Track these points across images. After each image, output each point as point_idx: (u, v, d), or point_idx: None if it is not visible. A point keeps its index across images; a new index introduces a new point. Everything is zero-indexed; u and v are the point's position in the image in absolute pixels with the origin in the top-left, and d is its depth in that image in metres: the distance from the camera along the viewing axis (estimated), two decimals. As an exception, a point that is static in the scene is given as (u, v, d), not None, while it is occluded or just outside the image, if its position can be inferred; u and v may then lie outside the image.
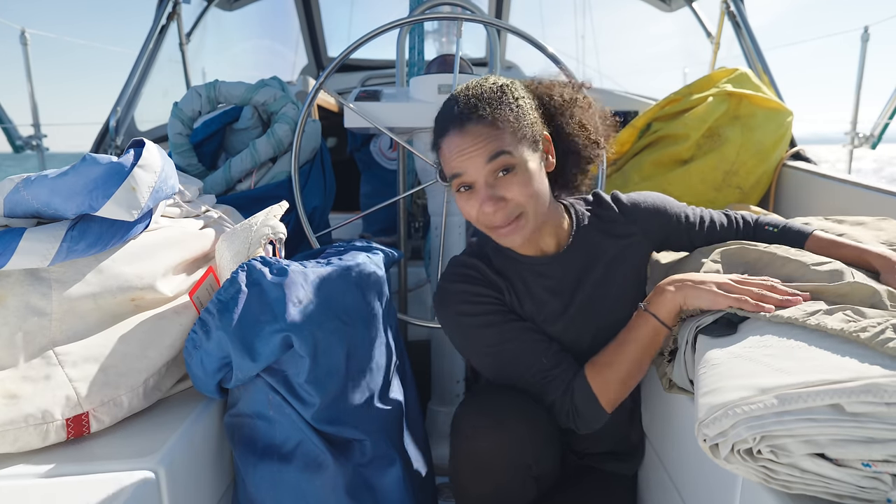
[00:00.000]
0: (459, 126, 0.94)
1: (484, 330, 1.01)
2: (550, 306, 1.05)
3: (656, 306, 0.94)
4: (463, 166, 0.94)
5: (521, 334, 1.01)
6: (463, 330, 1.03)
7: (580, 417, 0.98)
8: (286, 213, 1.18)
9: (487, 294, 1.03)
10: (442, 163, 0.99)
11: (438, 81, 1.53)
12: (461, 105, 0.95)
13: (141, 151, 0.99)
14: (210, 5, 2.91)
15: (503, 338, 1.01)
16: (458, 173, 0.95)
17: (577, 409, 0.97)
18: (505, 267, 1.07)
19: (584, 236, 1.08)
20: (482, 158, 0.93)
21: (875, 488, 0.61)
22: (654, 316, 0.94)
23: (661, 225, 1.11)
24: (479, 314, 1.02)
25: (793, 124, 1.98)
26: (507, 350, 1.00)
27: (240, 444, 1.00)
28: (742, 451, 0.65)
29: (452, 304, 1.03)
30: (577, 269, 1.07)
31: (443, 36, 3.07)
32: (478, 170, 0.93)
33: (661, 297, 0.94)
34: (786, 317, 0.78)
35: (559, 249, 1.07)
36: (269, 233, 1.07)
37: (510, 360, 1.01)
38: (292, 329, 0.94)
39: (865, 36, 2.81)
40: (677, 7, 2.94)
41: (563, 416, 0.99)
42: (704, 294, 0.88)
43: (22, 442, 0.83)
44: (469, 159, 0.93)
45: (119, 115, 2.30)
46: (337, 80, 2.95)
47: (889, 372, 0.60)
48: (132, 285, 0.97)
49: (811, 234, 1.07)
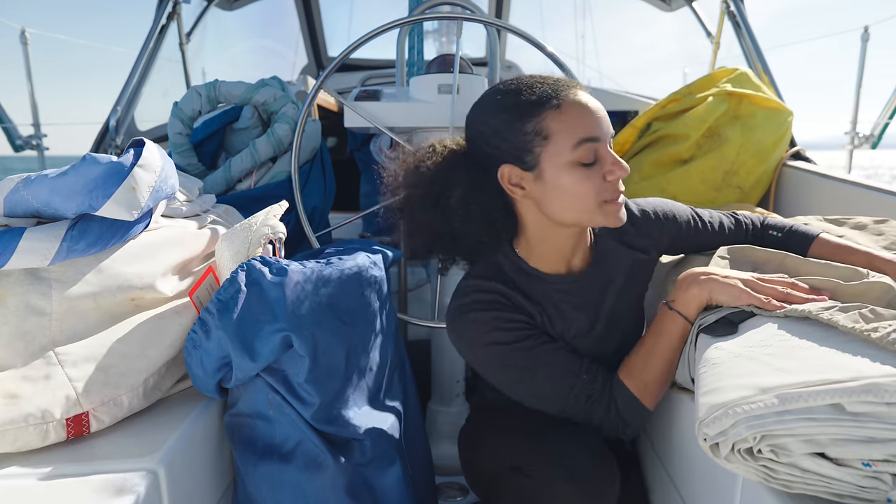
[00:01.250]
0: (580, 87, 0.89)
1: (519, 356, 0.93)
2: (578, 323, 1.00)
3: (682, 304, 0.90)
4: (597, 129, 0.87)
5: (555, 356, 0.95)
6: (497, 359, 0.94)
7: (629, 426, 0.95)
8: (286, 212, 1.18)
9: (519, 319, 0.95)
10: (552, 130, 0.86)
11: (438, 81, 1.53)
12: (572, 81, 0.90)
13: (141, 151, 0.99)
14: (210, 5, 2.91)
15: (539, 361, 0.94)
16: (594, 137, 0.86)
17: (624, 419, 0.95)
18: (530, 289, 0.98)
19: (603, 249, 1.04)
20: (609, 129, 0.90)
21: (875, 488, 0.61)
22: (681, 314, 0.90)
23: (671, 232, 1.09)
24: (513, 341, 0.93)
25: (792, 125, 1.98)
26: (545, 373, 0.94)
27: (240, 443, 1.00)
28: (742, 451, 0.65)
29: (483, 332, 0.93)
30: (601, 284, 1.03)
31: (443, 36, 3.07)
32: (606, 135, 0.88)
33: (687, 294, 0.90)
34: (800, 310, 0.78)
35: (584, 266, 1.03)
36: (268, 232, 1.07)
37: (548, 384, 0.95)
38: (292, 329, 0.94)
39: (865, 36, 2.81)
40: (677, 7, 2.93)
41: (612, 429, 0.96)
42: (729, 289, 0.85)
43: (22, 442, 0.83)
44: (602, 124, 0.88)
45: (119, 115, 2.30)
46: (337, 80, 2.94)
47: (890, 371, 0.60)
48: (132, 285, 0.97)
49: (816, 238, 1.06)
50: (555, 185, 0.88)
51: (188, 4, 2.64)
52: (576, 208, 0.89)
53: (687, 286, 0.90)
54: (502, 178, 0.92)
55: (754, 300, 0.83)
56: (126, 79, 2.36)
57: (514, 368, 0.95)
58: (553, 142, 0.87)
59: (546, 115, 0.87)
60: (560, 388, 0.95)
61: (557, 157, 0.87)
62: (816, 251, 1.04)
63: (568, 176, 0.87)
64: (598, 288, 1.02)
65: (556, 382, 0.95)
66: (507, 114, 0.89)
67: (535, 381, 0.95)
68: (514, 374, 0.95)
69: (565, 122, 0.86)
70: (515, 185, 0.92)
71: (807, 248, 1.06)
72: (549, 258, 0.99)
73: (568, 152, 0.86)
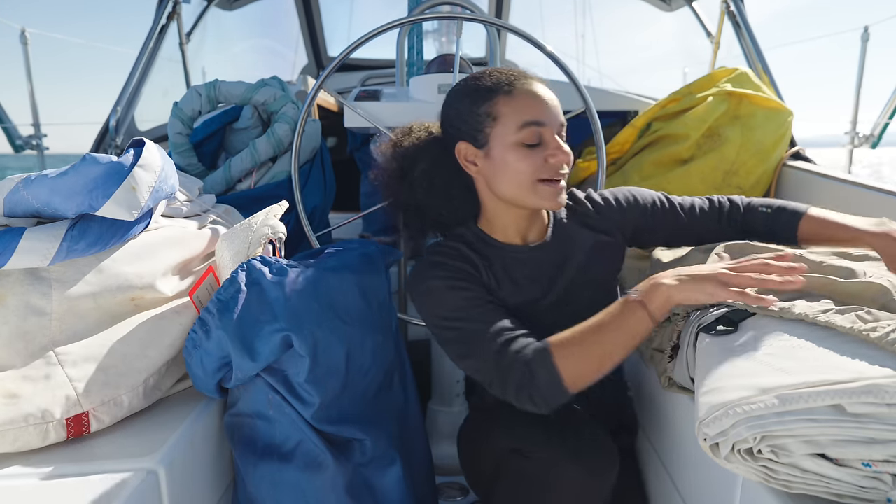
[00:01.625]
0: (535, 80, 0.98)
1: (452, 294, 0.96)
2: (529, 292, 1.04)
3: (649, 296, 0.85)
4: (544, 115, 0.96)
5: (490, 307, 0.96)
6: (432, 297, 0.98)
7: (537, 391, 0.87)
8: (286, 212, 1.18)
9: (463, 267, 1.00)
10: (501, 112, 0.96)
11: (438, 81, 1.53)
12: (527, 73, 0.99)
13: (141, 151, 0.99)
14: (210, 5, 2.91)
15: (471, 304, 0.95)
16: (539, 121, 0.95)
17: (535, 380, 0.87)
18: (485, 250, 1.05)
19: (563, 229, 1.10)
20: (559, 117, 0.98)
21: (875, 488, 0.61)
22: (645, 306, 0.85)
23: (635, 216, 1.13)
24: (451, 278, 0.97)
25: (792, 124, 1.98)
26: (475, 319, 0.94)
27: (240, 443, 1.00)
28: (742, 451, 0.65)
29: (426, 271, 1.00)
30: (557, 259, 1.07)
31: (442, 36, 3.07)
32: (555, 125, 0.97)
33: (656, 290, 0.85)
34: (796, 313, 0.77)
35: (540, 240, 1.08)
36: (268, 232, 1.07)
37: (475, 332, 0.93)
38: (292, 328, 0.94)
39: (865, 36, 2.81)
40: (677, 7, 2.93)
41: (519, 388, 0.89)
42: (702, 287, 0.82)
43: (22, 441, 0.83)
44: (550, 111, 0.96)
45: (119, 115, 2.30)
46: (337, 80, 2.94)
47: (890, 372, 0.61)
48: (132, 285, 0.97)
49: (805, 214, 1.07)
50: (500, 161, 0.98)
51: (188, 4, 2.64)
52: (514, 184, 0.98)
53: (657, 282, 0.86)
54: (459, 154, 1.03)
55: (731, 295, 0.79)
56: (126, 79, 2.36)
57: (446, 306, 0.96)
58: (501, 123, 0.97)
59: (498, 99, 0.97)
60: (483, 338, 0.92)
61: (504, 137, 0.97)
62: (806, 227, 1.06)
63: (512, 154, 0.96)
64: (555, 263, 1.07)
65: (483, 332, 0.93)
66: (467, 98, 1.01)
67: (464, 330, 0.94)
68: (445, 313, 0.96)
69: (514, 106, 0.96)
70: (470, 161, 1.02)
71: (797, 224, 1.07)
72: (504, 231, 1.07)
73: (513, 133, 0.96)
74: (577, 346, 0.87)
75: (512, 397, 0.90)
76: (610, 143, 2.05)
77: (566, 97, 1.64)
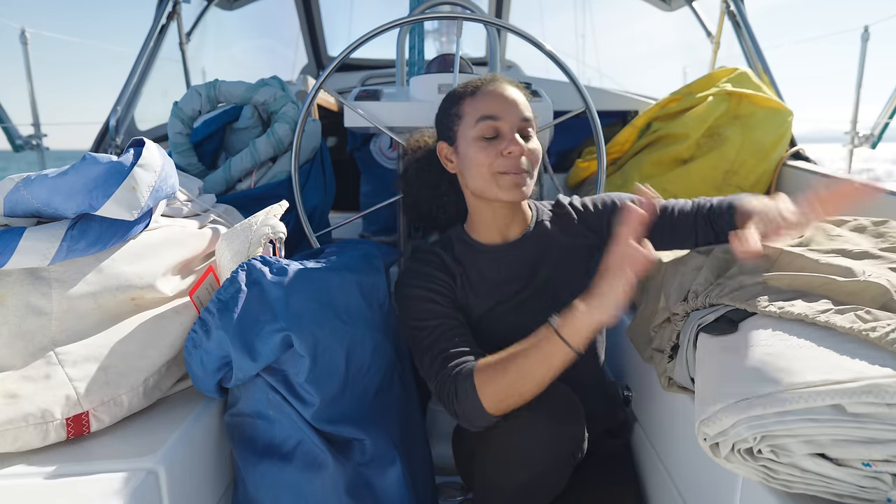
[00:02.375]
0: (502, 82, 1.05)
1: (422, 304, 1.05)
2: (504, 290, 1.10)
3: (566, 327, 0.86)
4: (500, 110, 1.02)
5: (449, 324, 1.02)
6: (408, 302, 1.07)
7: (461, 410, 0.92)
8: (286, 212, 1.18)
9: (439, 278, 1.08)
10: (465, 112, 1.05)
11: (438, 81, 1.53)
12: (498, 77, 1.07)
13: (141, 151, 0.99)
14: (210, 5, 2.91)
15: (434, 317, 1.03)
16: (493, 115, 1.01)
17: (459, 401, 0.92)
18: (463, 254, 1.12)
19: (543, 229, 1.15)
20: (518, 113, 1.03)
21: (875, 488, 0.61)
22: (561, 338, 0.86)
23: (612, 220, 1.16)
24: (426, 289, 1.06)
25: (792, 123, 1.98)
26: (431, 332, 1.02)
27: (240, 443, 1.00)
28: (742, 451, 0.65)
29: (408, 278, 1.09)
30: (533, 256, 1.12)
31: (443, 35, 3.08)
32: (512, 120, 1.02)
33: (570, 318, 0.86)
34: (795, 313, 0.77)
35: (509, 241, 1.12)
36: (269, 232, 1.07)
37: (429, 345, 1.01)
38: (292, 328, 0.94)
39: (865, 35, 2.81)
40: (677, 6, 2.93)
41: (447, 404, 0.95)
42: (612, 294, 0.83)
43: (22, 441, 0.83)
44: (508, 108, 1.02)
45: (119, 115, 2.30)
46: (337, 80, 2.94)
47: (890, 372, 0.61)
48: (132, 285, 0.97)
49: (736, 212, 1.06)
50: (465, 156, 1.05)
51: (188, 4, 2.64)
52: (477, 177, 1.04)
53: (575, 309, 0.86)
54: (440, 153, 1.12)
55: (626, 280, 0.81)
56: (126, 78, 2.36)
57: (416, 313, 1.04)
58: (464, 120, 1.05)
59: (464, 100, 1.06)
60: (430, 355, 1.00)
61: (466, 132, 1.05)
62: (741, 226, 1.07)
63: (472, 148, 1.03)
64: (531, 259, 1.12)
65: (437, 340, 1.00)
66: (445, 102, 1.11)
67: (428, 337, 1.01)
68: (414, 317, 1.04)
69: (474, 104, 1.04)
70: (447, 158, 1.11)
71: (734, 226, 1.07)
72: (487, 229, 1.13)
73: (471, 128, 1.03)
74: (499, 372, 0.90)
75: (446, 410, 0.97)
76: (610, 142, 2.06)
77: (566, 97, 1.64)
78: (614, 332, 1.42)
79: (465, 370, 0.94)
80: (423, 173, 1.17)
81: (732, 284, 0.93)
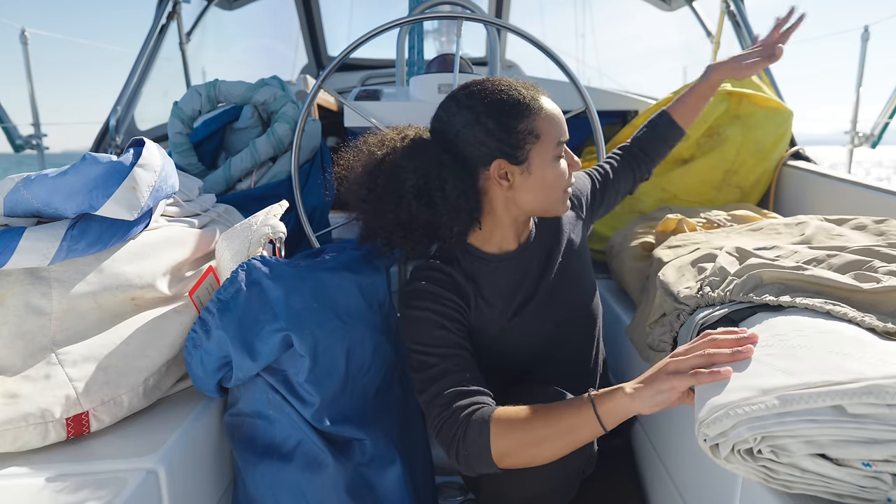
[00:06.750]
0: (548, 96, 1.05)
1: (433, 330, 0.97)
2: (517, 298, 1.07)
3: (604, 405, 0.81)
4: (566, 130, 1.04)
5: (461, 355, 0.96)
6: (416, 324, 0.99)
7: (464, 453, 0.87)
8: (286, 212, 1.18)
9: (453, 301, 1.01)
10: (542, 131, 1.00)
11: (438, 81, 1.53)
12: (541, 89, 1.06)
13: (141, 151, 0.99)
14: (210, 5, 2.90)
15: (445, 345, 0.96)
16: (567, 138, 1.04)
17: (466, 443, 0.87)
18: (474, 269, 1.05)
19: (545, 229, 1.15)
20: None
21: (875, 488, 0.61)
22: (596, 414, 0.81)
23: (586, 199, 1.24)
24: (438, 313, 0.98)
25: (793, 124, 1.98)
26: (442, 361, 0.95)
27: (240, 443, 1.00)
28: (742, 451, 0.65)
29: (418, 297, 1.00)
30: (541, 259, 1.11)
31: (442, 35, 3.07)
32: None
33: (612, 397, 0.81)
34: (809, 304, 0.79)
35: (522, 243, 1.09)
36: (269, 232, 1.07)
37: (436, 374, 0.94)
38: (292, 328, 0.94)
39: (865, 35, 2.81)
40: (677, 6, 2.93)
41: (449, 442, 0.89)
42: (658, 388, 0.77)
43: (22, 441, 0.83)
44: (566, 126, 1.05)
45: (119, 115, 2.30)
46: (337, 80, 2.94)
47: (891, 373, 0.60)
48: (132, 284, 0.97)
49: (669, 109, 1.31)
50: (540, 177, 1.01)
51: (188, 4, 2.64)
52: (550, 196, 1.03)
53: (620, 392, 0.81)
54: (492, 172, 1.00)
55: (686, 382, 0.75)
56: (126, 78, 2.36)
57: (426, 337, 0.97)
58: (543, 141, 1.00)
59: (536, 117, 1.00)
60: (437, 387, 0.93)
61: (545, 154, 1.01)
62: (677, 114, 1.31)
63: (552, 170, 1.02)
64: (539, 262, 1.11)
65: (446, 374, 0.93)
66: (502, 116, 0.99)
67: (437, 365, 0.94)
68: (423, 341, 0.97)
69: (549, 124, 1.01)
70: (502, 177, 1.01)
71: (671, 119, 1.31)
72: (502, 240, 1.08)
73: (552, 149, 1.01)
74: (519, 429, 0.85)
75: (442, 446, 0.91)
76: (610, 142, 2.05)
77: (566, 97, 1.64)
78: (614, 332, 1.42)
79: (481, 415, 0.87)
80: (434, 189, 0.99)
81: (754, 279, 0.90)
